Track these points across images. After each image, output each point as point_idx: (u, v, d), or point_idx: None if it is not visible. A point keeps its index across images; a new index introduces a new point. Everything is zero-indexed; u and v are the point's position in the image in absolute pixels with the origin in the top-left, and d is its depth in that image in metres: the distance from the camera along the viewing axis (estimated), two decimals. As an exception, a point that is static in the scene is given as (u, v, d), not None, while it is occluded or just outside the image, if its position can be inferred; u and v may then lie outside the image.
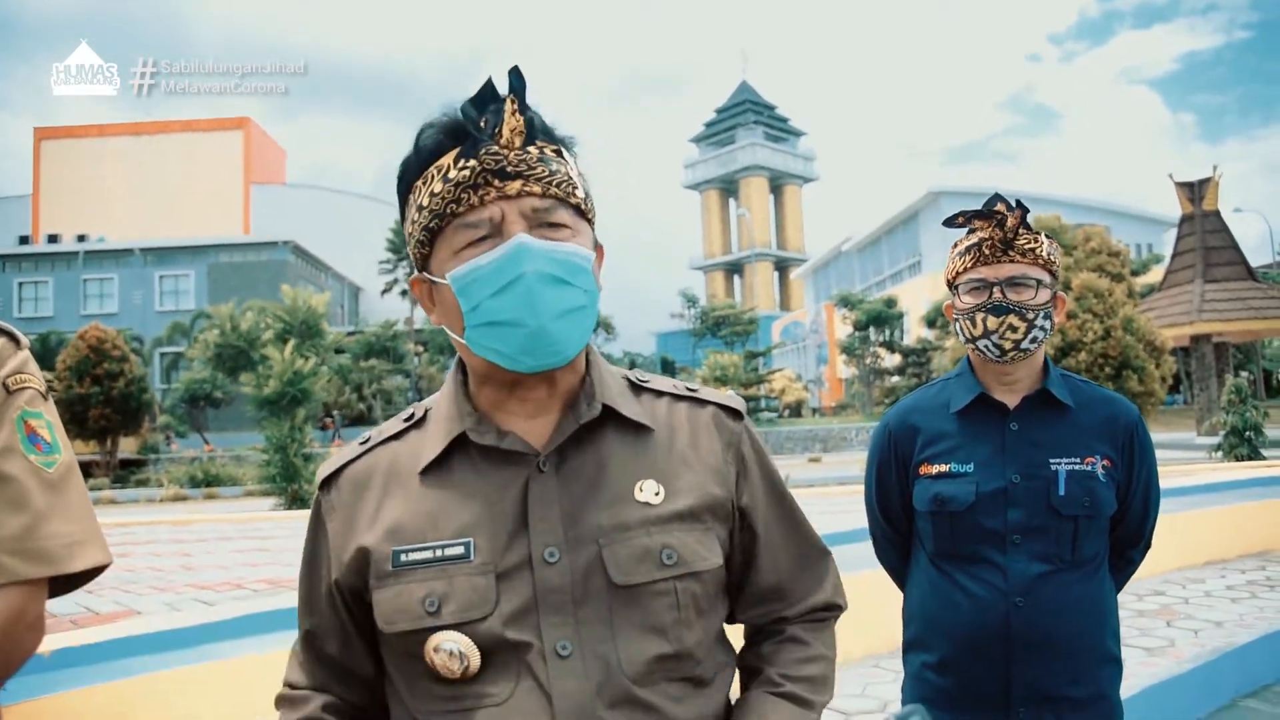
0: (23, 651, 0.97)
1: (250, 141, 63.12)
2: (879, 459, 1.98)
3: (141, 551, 8.58)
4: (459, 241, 0.94)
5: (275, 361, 18.30)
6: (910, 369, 43.06)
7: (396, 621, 0.93)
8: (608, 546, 0.95)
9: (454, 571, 0.93)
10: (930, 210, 58.59)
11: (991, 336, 1.76)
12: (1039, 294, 1.75)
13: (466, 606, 0.92)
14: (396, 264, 47.06)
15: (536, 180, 0.93)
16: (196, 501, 21.08)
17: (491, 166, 0.91)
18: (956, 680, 1.79)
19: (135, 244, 52.58)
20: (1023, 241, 1.75)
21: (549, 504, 0.95)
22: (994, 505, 1.76)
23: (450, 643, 0.91)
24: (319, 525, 1.04)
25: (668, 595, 0.96)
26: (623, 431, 1.02)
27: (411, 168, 0.97)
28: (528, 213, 0.93)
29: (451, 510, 0.96)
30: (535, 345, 0.92)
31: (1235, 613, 5.34)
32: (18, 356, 1.05)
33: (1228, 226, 27.03)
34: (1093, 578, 1.77)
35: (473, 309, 0.93)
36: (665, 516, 0.98)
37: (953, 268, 1.86)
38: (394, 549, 0.95)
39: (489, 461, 0.98)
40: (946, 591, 1.81)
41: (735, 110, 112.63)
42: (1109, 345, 23.89)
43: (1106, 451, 1.78)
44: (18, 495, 0.97)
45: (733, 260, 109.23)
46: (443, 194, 0.93)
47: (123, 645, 3.53)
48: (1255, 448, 15.47)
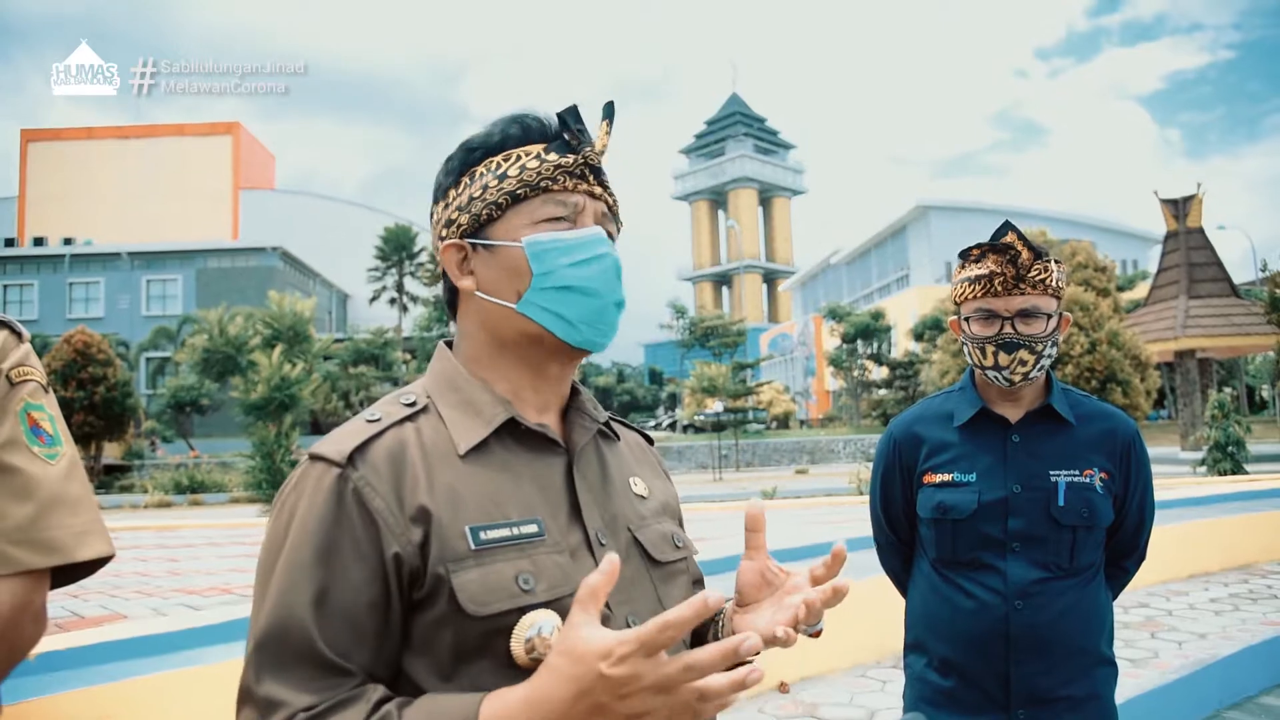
0: (27, 641, 0.97)
1: (239, 146, 62.88)
2: (884, 467, 2.02)
3: (127, 556, 8.51)
4: (542, 214, 1.00)
5: (263, 367, 18.20)
6: (897, 382, 43.16)
7: (490, 602, 0.87)
8: (637, 531, 1.03)
9: (534, 550, 0.91)
10: (918, 224, 58.94)
11: (1002, 371, 1.80)
12: (1048, 324, 1.78)
13: (556, 583, 0.91)
14: (385, 271, 46.91)
15: (610, 193, 1.06)
16: (182, 508, 20.87)
17: (593, 163, 1.03)
18: (958, 681, 1.83)
19: (122, 248, 52.27)
20: (1034, 273, 1.77)
21: (588, 496, 1.00)
22: (995, 514, 1.80)
23: (542, 622, 0.88)
24: (351, 503, 0.88)
25: (686, 574, 1.07)
26: (604, 439, 1.11)
27: (490, 144, 1.02)
28: (600, 214, 1.04)
29: (509, 491, 0.95)
30: (598, 318, 1.00)
31: (1219, 625, 5.39)
32: (20, 349, 1.05)
33: (1211, 243, 27.27)
34: (1089, 584, 1.81)
35: (546, 273, 0.98)
36: (657, 508, 1.10)
37: (961, 291, 1.87)
38: (470, 527, 0.90)
39: (525, 448, 0.99)
40: (949, 595, 1.85)
41: (725, 122, 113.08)
42: (1095, 359, 24.05)
43: (1104, 464, 1.82)
44: (22, 486, 0.97)
45: (721, 271, 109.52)
46: (539, 170, 1.00)
47: (109, 649, 3.51)
48: (1238, 462, 15.60)
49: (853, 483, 15.89)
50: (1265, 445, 24.49)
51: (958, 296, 1.88)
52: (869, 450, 30.89)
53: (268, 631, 0.85)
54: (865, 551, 2.19)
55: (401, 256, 46.30)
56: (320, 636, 0.84)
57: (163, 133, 62.04)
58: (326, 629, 0.85)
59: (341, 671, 0.85)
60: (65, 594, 5.66)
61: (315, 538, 0.87)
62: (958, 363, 27.46)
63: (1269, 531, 7.76)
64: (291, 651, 0.84)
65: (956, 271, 1.90)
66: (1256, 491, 10.21)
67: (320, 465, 0.90)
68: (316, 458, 0.91)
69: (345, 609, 0.86)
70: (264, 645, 0.85)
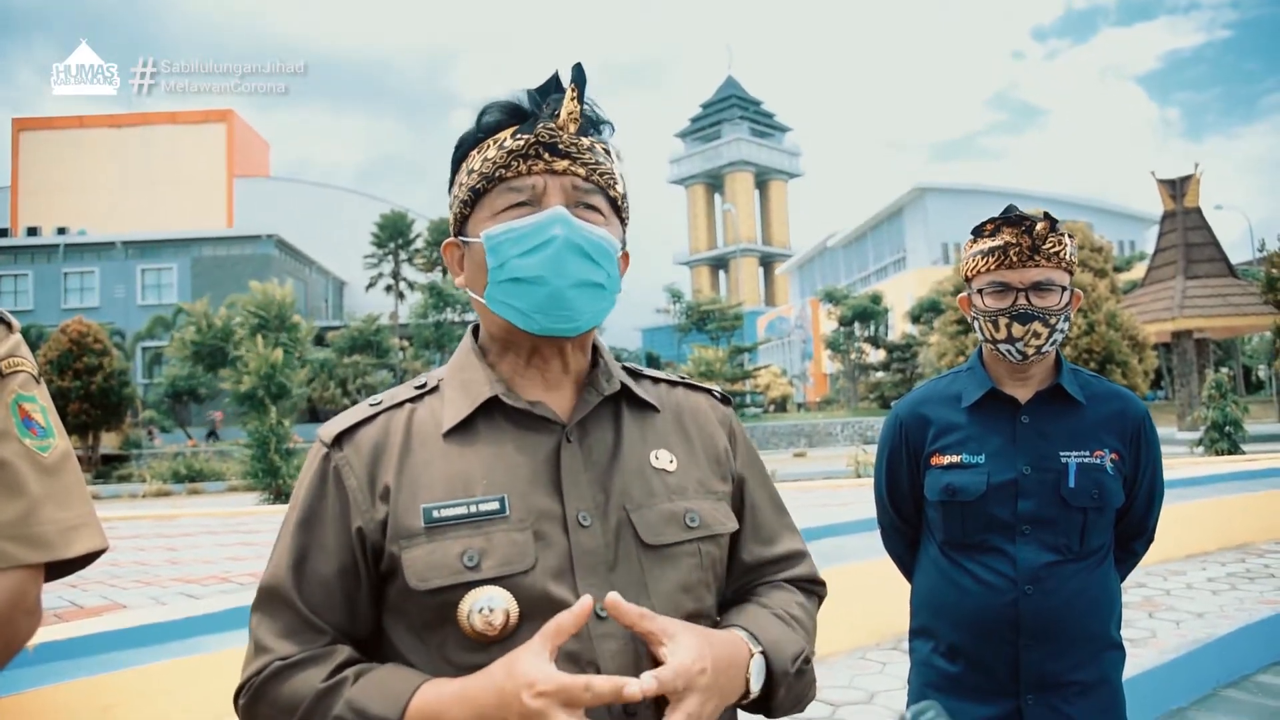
0: (21, 636, 0.96)
1: (233, 134, 62.53)
2: (889, 449, 1.99)
3: (126, 546, 8.51)
4: (500, 204, 0.99)
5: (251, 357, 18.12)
6: (895, 364, 43.19)
7: (431, 578, 0.90)
8: (635, 511, 0.99)
9: (490, 528, 0.92)
10: (915, 206, 58.81)
11: (1016, 343, 1.77)
12: (1062, 297, 1.76)
13: (507, 560, 0.91)
14: (382, 258, 46.78)
15: (583, 164, 1.00)
16: (180, 497, 20.91)
17: (545, 140, 0.98)
18: (966, 666, 1.81)
19: (117, 237, 52.03)
20: (1049, 245, 1.75)
21: (578, 471, 0.98)
22: (1004, 496, 1.78)
23: (488, 598, 0.89)
24: (330, 481, 0.97)
25: (694, 556, 1.01)
26: (633, 409, 1.08)
27: (468, 140, 1.04)
28: (568, 189, 1.00)
29: (481, 470, 0.96)
30: (551, 306, 0.97)
31: (1216, 604, 5.41)
32: (9, 340, 1.04)
33: (1208, 224, 27.25)
34: (1098, 568, 1.80)
35: (499, 265, 0.98)
36: (683, 483, 1.04)
37: (973, 265, 1.84)
38: (424, 506, 0.93)
39: (516, 426, 1.00)
40: (957, 579, 1.83)
41: (721, 105, 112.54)
42: (1093, 340, 24.07)
43: (1115, 445, 1.80)
44: (14, 480, 0.96)
45: (718, 255, 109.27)
46: (495, 159, 0.99)
47: (108, 639, 3.52)
48: (1235, 442, 15.69)
49: (851, 465, 15.89)
50: (1262, 425, 24.59)
51: (969, 271, 1.86)
52: (866, 433, 30.94)
53: (265, 585, 0.97)
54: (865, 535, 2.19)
55: (398, 243, 46.15)
56: (299, 596, 0.95)
57: (156, 121, 61.63)
58: (304, 589, 0.95)
59: (317, 629, 0.94)
60: (64, 584, 5.66)
61: (301, 508, 0.99)
62: (955, 345, 27.47)
63: (1266, 511, 7.80)
64: (278, 605, 0.96)
65: (967, 247, 1.88)
66: (1253, 471, 10.25)
67: (316, 445, 1.01)
68: (318, 439, 1.02)
69: (319, 573, 0.96)
70: (261, 596, 0.97)
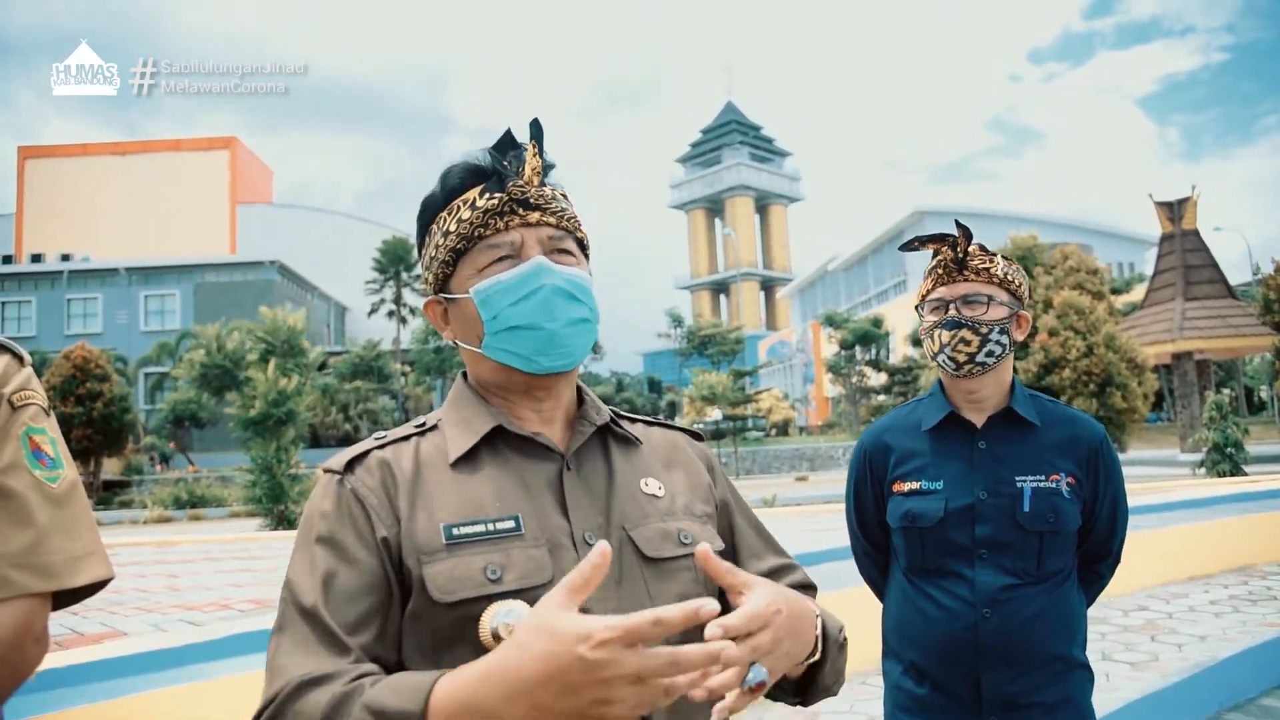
0: (29, 664, 0.98)
1: (236, 160, 63.00)
2: (855, 478, 2.05)
3: (127, 573, 8.50)
4: (483, 260, 1.06)
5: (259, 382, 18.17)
6: (896, 388, 43.21)
7: (455, 590, 0.93)
8: (634, 530, 1.05)
9: (508, 545, 0.97)
10: (915, 230, 58.97)
11: (945, 350, 1.85)
12: (991, 310, 1.83)
13: (527, 574, 0.95)
14: (383, 284, 46.96)
15: (552, 213, 1.08)
16: (181, 523, 20.86)
17: (518, 197, 1.06)
18: (931, 688, 1.85)
19: (120, 263, 52.30)
20: (976, 261, 1.85)
21: (580, 495, 1.05)
22: (962, 521, 1.82)
23: (510, 610, 0.92)
24: (348, 499, 0.99)
25: (690, 570, 1.06)
26: (619, 443, 1.15)
27: (436, 202, 1.10)
28: (544, 240, 1.07)
29: (492, 493, 1.01)
30: (550, 347, 1.05)
31: (1218, 627, 5.39)
32: (21, 373, 1.07)
33: (1207, 245, 27.36)
34: (1057, 590, 1.82)
35: (493, 317, 1.05)
36: (672, 507, 1.11)
37: (921, 289, 1.95)
38: (443, 524, 0.97)
39: (520, 454, 1.06)
40: (919, 604, 1.87)
41: (721, 130, 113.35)
42: (1092, 362, 24.08)
43: (1071, 469, 1.83)
44: (23, 510, 0.98)
45: (719, 280, 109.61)
46: (471, 219, 1.06)
47: (109, 666, 3.52)
48: (1237, 464, 15.63)
49: (853, 489, 15.83)
50: (1264, 446, 24.50)
51: (918, 296, 1.96)
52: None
53: (288, 605, 0.95)
54: (861, 559, 2.22)
55: (399, 269, 46.35)
56: (327, 611, 0.93)
57: (159, 148, 62.21)
58: (332, 604, 0.93)
59: (342, 647, 0.91)
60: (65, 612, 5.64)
61: (320, 528, 0.99)
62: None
63: (1268, 533, 7.77)
64: (303, 624, 0.93)
65: None
66: (1255, 493, 10.22)
67: (326, 475, 1.04)
68: (326, 470, 1.05)
69: (348, 588, 0.95)
70: (284, 618, 0.95)
